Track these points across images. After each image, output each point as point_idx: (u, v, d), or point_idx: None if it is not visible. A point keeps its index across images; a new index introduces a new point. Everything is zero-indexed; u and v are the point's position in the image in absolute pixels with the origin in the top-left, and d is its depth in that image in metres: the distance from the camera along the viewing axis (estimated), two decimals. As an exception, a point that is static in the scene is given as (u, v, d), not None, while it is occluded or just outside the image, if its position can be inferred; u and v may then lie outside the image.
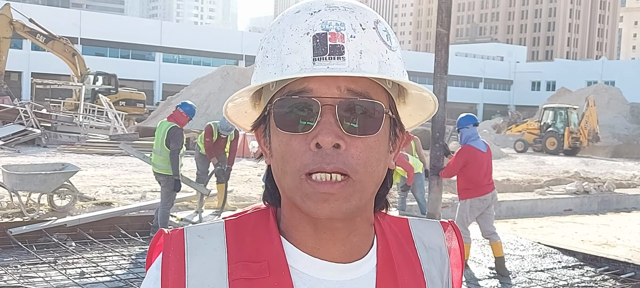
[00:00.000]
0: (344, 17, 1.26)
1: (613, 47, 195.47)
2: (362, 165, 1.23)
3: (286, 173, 1.25)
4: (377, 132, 1.25)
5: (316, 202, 1.23)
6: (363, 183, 1.24)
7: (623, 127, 53.63)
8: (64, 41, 41.68)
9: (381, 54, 1.26)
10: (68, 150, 29.20)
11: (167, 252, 1.32)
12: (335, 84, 1.23)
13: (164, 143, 11.62)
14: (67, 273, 9.72)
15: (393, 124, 1.33)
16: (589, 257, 11.82)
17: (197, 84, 46.86)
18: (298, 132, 1.24)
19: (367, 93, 1.25)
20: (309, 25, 1.25)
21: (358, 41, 1.24)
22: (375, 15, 1.31)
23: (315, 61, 1.23)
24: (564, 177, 25.18)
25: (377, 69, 1.25)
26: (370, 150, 1.25)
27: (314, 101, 1.22)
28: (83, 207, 14.36)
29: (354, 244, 1.33)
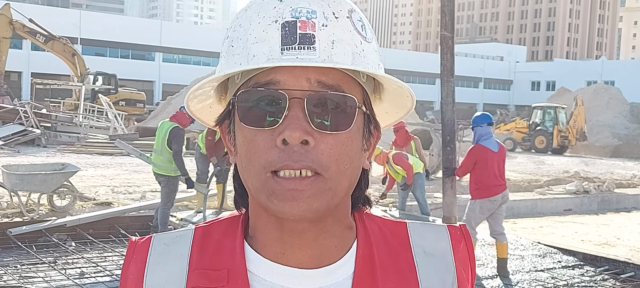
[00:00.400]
0: (316, 4, 1.17)
1: (613, 47, 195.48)
2: (333, 163, 1.14)
3: (251, 172, 1.17)
4: (349, 127, 1.16)
5: (283, 200, 1.14)
6: (334, 181, 1.15)
7: (623, 126, 53.60)
8: (63, 41, 41.67)
9: (355, 44, 1.18)
10: (68, 150, 29.21)
11: (128, 262, 1.29)
12: (305, 76, 1.15)
13: (165, 143, 11.62)
14: (67, 273, 9.72)
15: (367, 120, 1.24)
16: (588, 256, 11.82)
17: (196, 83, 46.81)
18: (264, 127, 1.15)
19: (339, 86, 1.16)
20: (278, 12, 1.16)
21: (330, 30, 1.16)
22: (349, 4, 1.22)
23: (283, 51, 1.14)
24: (564, 177, 25.19)
25: (351, 60, 1.16)
26: (342, 146, 1.16)
27: (281, 94, 1.14)
28: (83, 207, 14.36)
29: (325, 248, 1.23)
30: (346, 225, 1.26)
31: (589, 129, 52.85)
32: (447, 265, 1.29)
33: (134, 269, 1.27)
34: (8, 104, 35.52)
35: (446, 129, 10.08)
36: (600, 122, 53.82)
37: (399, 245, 1.29)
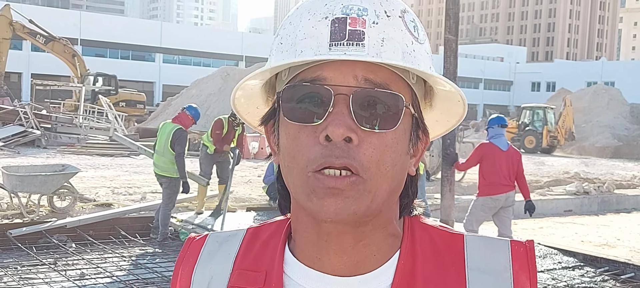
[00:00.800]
0: (368, 2, 1.15)
1: (613, 48, 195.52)
2: (374, 164, 1.11)
3: (293, 171, 1.15)
4: (395, 126, 1.13)
5: (322, 197, 1.11)
6: (374, 183, 1.12)
7: (623, 127, 53.56)
8: (63, 42, 41.68)
9: (406, 44, 1.15)
10: (68, 151, 29.19)
11: (182, 258, 1.33)
12: (352, 73, 1.12)
13: (168, 144, 11.63)
14: (67, 274, 9.72)
15: (415, 123, 1.20)
16: (589, 257, 11.81)
17: (197, 84, 46.86)
18: (307, 123, 1.13)
19: (387, 84, 1.13)
20: (329, 9, 1.15)
21: (381, 28, 1.13)
22: (402, 4, 1.20)
23: (331, 46, 1.12)
24: (564, 178, 25.18)
25: (401, 58, 1.13)
26: (385, 148, 1.12)
27: (327, 89, 1.12)
28: (83, 208, 14.35)
29: (363, 255, 1.19)
30: (390, 232, 1.22)
31: (589, 130, 52.88)
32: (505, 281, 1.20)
33: (186, 265, 1.30)
34: (8, 105, 35.53)
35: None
36: (600, 123, 53.79)
37: (451, 259, 1.21)
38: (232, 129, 14.16)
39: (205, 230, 12.39)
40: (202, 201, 14.11)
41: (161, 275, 9.95)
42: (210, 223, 12.90)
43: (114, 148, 30.08)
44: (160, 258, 11.04)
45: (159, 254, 11.31)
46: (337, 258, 1.19)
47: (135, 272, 10.14)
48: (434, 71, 1.19)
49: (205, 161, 14.40)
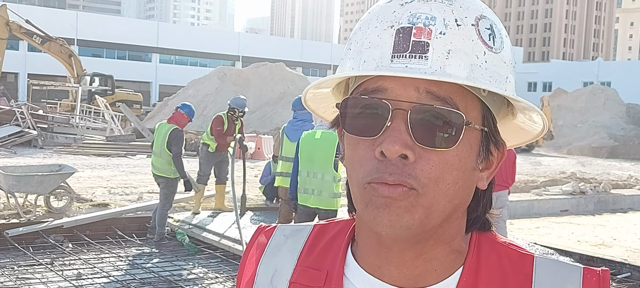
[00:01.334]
0: (438, 10, 1.10)
1: (609, 48, 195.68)
2: (433, 182, 1.08)
3: (352, 179, 1.14)
4: (453, 146, 1.09)
5: (376, 207, 1.08)
6: (430, 199, 1.08)
7: (619, 127, 53.59)
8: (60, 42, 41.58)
9: (476, 55, 1.10)
10: (65, 151, 29.16)
11: (250, 247, 1.35)
12: (414, 85, 1.08)
13: (165, 145, 11.64)
14: (64, 274, 9.73)
15: (485, 138, 1.15)
16: (585, 257, 11.84)
17: (194, 85, 46.84)
18: (365, 136, 1.10)
19: (451, 99, 1.09)
20: (396, 17, 1.11)
21: (448, 39, 1.08)
22: (480, 9, 1.14)
23: (394, 58, 1.09)
24: (560, 178, 25.19)
25: (466, 74, 1.08)
26: (446, 165, 1.09)
27: (385, 103, 1.08)
28: (80, 209, 14.35)
29: (423, 269, 1.16)
30: (454, 248, 1.18)
31: (585, 130, 52.91)
32: None
33: (254, 254, 1.32)
34: (4, 105, 35.49)
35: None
36: (596, 123, 53.82)
37: (517, 281, 1.17)
38: (232, 124, 14.13)
39: (203, 230, 12.40)
40: (199, 202, 14.11)
41: (158, 275, 9.96)
42: (208, 223, 12.90)
43: (110, 149, 30.08)
44: (157, 259, 11.05)
45: (156, 254, 11.32)
46: (397, 270, 1.17)
47: (132, 272, 10.15)
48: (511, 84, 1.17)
49: (206, 161, 14.32)
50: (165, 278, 9.79)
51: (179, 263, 10.77)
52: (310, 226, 1.33)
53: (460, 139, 1.09)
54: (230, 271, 10.36)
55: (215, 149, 14.07)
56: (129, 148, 30.55)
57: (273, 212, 13.87)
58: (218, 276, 10.09)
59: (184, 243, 11.75)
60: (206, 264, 10.82)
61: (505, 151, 1.21)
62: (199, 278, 9.97)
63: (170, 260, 10.95)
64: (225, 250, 11.37)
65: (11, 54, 51.06)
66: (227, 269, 10.50)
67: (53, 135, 32.42)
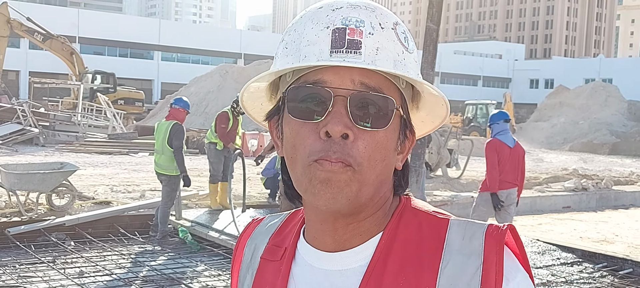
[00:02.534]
0: (365, 15, 1.29)
1: (610, 45, 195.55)
2: (366, 159, 1.25)
3: (296, 161, 1.29)
4: (386, 126, 1.27)
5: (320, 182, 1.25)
6: (364, 174, 1.25)
7: (621, 124, 53.59)
8: (61, 40, 41.66)
9: (397, 53, 1.29)
10: (66, 149, 29.18)
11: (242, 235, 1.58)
12: (350, 77, 1.26)
13: (166, 142, 11.63)
14: (66, 272, 9.73)
15: (403, 124, 1.35)
16: (587, 253, 11.83)
17: (195, 82, 46.87)
18: (309, 120, 1.27)
19: (380, 88, 1.27)
20: (330, 19, 1.29)
21: (376, 38, 1.27)
22: (395, 17, 1.34)
23: (332, 53, 1.26)
24: (563, 174, 25.19)
25: (393, 66, 1.27)
26: (376, 145, 1.26)
27: (327, 91, 1.25)
28: (82, 206, 14.35)
29: (350, 235, 1.34)
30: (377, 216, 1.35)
31: (587, 127, 52.91)
32: (473, 262, 1.27)
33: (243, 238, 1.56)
34: (6, 103, 35.51)
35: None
36: (598, 120, 53.81)
37: (431, 240, 1.31)
38: (235, 119, 14.08)
39: (205, 227, 12.40)
40: (214, 199, 14.12)
41: (160, 272, 9.96)
42: (210, 220, 12.90)
43: (112, 147, 30.08)
44: (160, 256, 11.05)
45: (158, 252, 11.32)
46: (329, 238, 1.35)
47: (135, 269, 10.15)
48: (420, 78, 1.33)
49: (216, 159, 14.20)
50: (167, 275, 9.79)
51: (182, 261, 10.77)
52: (287, 213, 1.54)
53: (391, 120, 1.28)
54: (232, 268, 10.35)
55: (223, 147, 14.01)
56: (131, 146, 30.56)
57: (274, 209, 13.88)
58: (220, 273, 10.09)
59: (187, 241, 11.75)
60: (208, 261, 10.82)
61: (415, 138, 1.39)
62: (201, 275, 9.97)
63: (172, 258, 10.95)
64: (227, 247, 11.36)
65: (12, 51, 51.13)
66: (229, 266, 10.49)
67: (55, 133, 32.44)
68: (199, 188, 16.99)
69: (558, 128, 54.56)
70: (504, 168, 10.34)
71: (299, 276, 1.39)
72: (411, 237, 1.32)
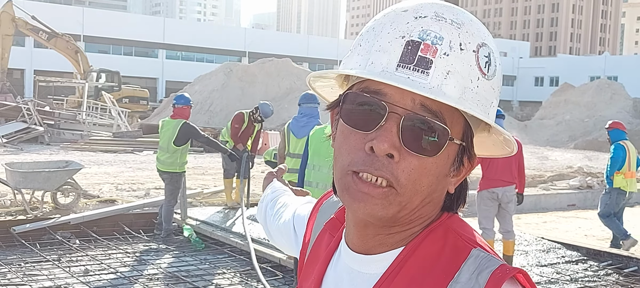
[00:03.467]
0: (447, 31, 1.21)
1: (616, 43, 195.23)
2: (411, 183, 1.21)
3: (337, 164, 1.28)
4: (435, 155, 1.21)
5: (354, 199, 1.23)
6: (407, 198, 1.23)
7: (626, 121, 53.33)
8: (66, 38, 41.72)
9: (471, 79, 1.22)
10: (71, 147, 29.22)
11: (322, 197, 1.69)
12: (411, 96, 1.20)
13: (172, 141, 11.61)
14: (71, 271, 9.74)
15: (461, 151, 1.28)
16: (592, 251, 11.83)
17: (200, 80, 46.86)
18: (360, 130, 1.23)
19: (441, 113, 1.21)
20: (408, 29, 1.22)
21: (450, 60, 1.20)
22: (483, 37, 1.26)
23: (399, 67, 1.20)
24: (567, 172, 25.14)
25: (458, 95, 1.20)
26: (424, 170, 1.22)
27: (383, 105, 1.20)
28: (87, 205, 14.38)
29: (376, 243, 1.32)
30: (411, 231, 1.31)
31: (592, 125, 52.81)
32: None
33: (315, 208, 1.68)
34: (11, 101, 35.56)
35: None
36: (603, 118, 53.59)
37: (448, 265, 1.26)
38: (251, 124, 14.09)
39: (209, 226, 12.41)
40: (229, 195, 14.14)
41: (165, 271, 9.97)
42: (214, 219, 12.91)
43: (117, 145, 30.11)
44: (164, 254, 11.06)
45: (163, 250, 11.33)
46: (357, 239, 1.34)
47: (139, 268, 10.16)
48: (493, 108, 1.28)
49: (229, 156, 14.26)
50: (172, 274, 9.81)
51: (186, 259, 10.78)
52: None
53: (442, 151, 1.22)
54: (237, 266, 10.37)
55: (233, 147, 14.02)
56: (136, 144, 30.59)
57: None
58: (225, 271, 10.10)
59: (191, 239, 11.76)
60: (213, 260, 10.82)
61: (475, 163, 1.33)
62: (206, 273, 9.98)
63: (177, 256, 10.97)
64: (232, 245, 11.37)
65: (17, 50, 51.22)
66: (234, 265, 10.50)
67: (59, 132, 32.47)
68: (203, 187, 17.01)
69: (563, 126, 54.46)
70: (498, 167, 10.29)
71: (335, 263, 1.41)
72: (430, 256, 1.27)
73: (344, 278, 1.36)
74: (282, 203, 1.98)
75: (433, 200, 1.29)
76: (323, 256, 1.45)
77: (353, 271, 1.34)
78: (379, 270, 1.30)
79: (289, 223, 1.83)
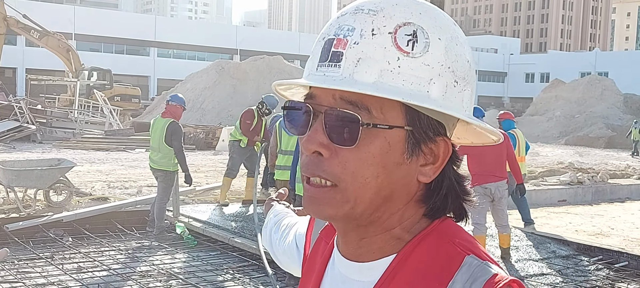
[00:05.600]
0: (360, 21, 1.20)
1: (606, 39, 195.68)
2: (350, 176, 1.20)
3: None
4: (354, 144, 1.19)
5: (306, 203, 1.26)
6: (351, 193, 1.21)
7: (616, 117, 53.58)
8: (58, 37, 41.56)
9: (387, 61, 1.18)
10: (63, 146, 29.20)
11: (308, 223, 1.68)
12: (331, 92, 1.20)
13: (163, 139, 11.60)
14: (64, 268, 9.77)
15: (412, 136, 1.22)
16: (583, 246, 11.88)
17: (192, 78, 46.82)
18: (299, 135, 1.26)
19: (362, 102, 1.18)
20: (329, 28, 1.24)
21: (360, 48, 1.18)
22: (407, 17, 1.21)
23: (318, 67, 1.23)
24: (558, 168, 25.22)
25: (374, 80, 1.17)
26: (359, 161, 1.20)
27: (307, 107, 1.23)
28: (79, 203, 14.39)
29: (364, 250, 1.29)
30: (394, 235, 1.28)
31: (583, 121, 52.92)
32: None
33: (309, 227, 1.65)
34: (3, 100, 35.49)
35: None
36: (594, 113, 53.83)
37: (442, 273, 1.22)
38: (260, 119, 14.13)
39: (202, 223, 12.43)
40: (224, 194, 14.15)
41: (158, 267, 10.00)
42: (207, 216, 12.93)
43: (109, 143, 30.09)
44: (157, 252, 11.09)
45: (156, 247, 11.36)
46: (345, 246, 1.33)
47: (132, 265, 10.19)
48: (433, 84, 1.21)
49: (238, 155, 14.15)
50: (165, 271, 9.84)
51: (179, 256, 10.81)
52: None
53: (359, 137, 1.19)
54: (229, 263, 10.41)
55: (247, 144, 14.04)
56: (128, 142, 30.58)
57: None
58: (217, 268, 10.14)
59: (184, 237, 11.78)
60: (205, 257, 10.85)
61: (449, 147, 1.27)
62: (198, 270, 10.01)
63: (169, 253, 11.00)
64: (224, 242, 11.40)
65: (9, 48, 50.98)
66: (226, 261, 10.54)
67: (52, 130, 32.47)
68: (196, 185, 17.03)
69: (554, 122, 54.57)
70: (486, 163, 10.30)
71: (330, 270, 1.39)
72: (423, 264, 1.24)
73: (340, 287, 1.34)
74: (285, 225, 1.96)
75: (397, 194, 1.25)
76: (319, 264, 1.43)
77: (347, 279, 1.32)
78: (372, 277, 1.27)
79: (292, 243, 1.82)
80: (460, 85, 1.25)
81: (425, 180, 1.26)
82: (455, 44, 1.24)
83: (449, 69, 1.22)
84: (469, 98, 1.28)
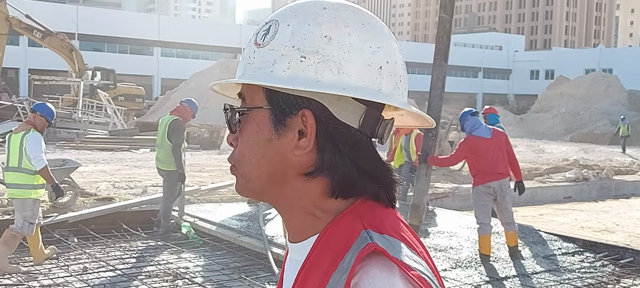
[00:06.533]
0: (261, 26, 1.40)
1: (610, 35, 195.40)
2: (240, 156, 1.39)
3: None
4: (236, 130, 1.40)
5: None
6: (243, 170, 1.39)
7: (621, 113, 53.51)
8: (61, 37, 41.57)
9: (248, 56, 1.38)
10: (67, 146, 29.23)
11: None
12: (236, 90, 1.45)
13: (166, 136, 11.63)
14: (70, 269, 9.77)
15: (273, 114, 1.32)
16: (588, 243, 11.87)
17: (195, 78, 46.86)
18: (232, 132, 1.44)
19: (243, 95, 1.40)
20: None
21: (244, 52, 1.40)
22: (277, 15, 1.38)
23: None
24: (563, 165, 25.21)
25: (240, 74, 1.39)
26: (243, 143, 1.38)
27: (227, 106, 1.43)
28: (84, 203, 14.39)
29: (295, 230, 1.39)
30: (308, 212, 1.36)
31: (587, 117, 52.91)
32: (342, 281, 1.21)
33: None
34: (6, 100, 35.53)
35: (432, 114, 10.01)
36: (598, 110, 53.81)
37: (341, 249, 1.26)
38: None
39: (208, 222, 12.43)
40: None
41: (164, 268, 10.00)
42: (213, 215, 12.94)
43: (113, 143, 30.11)
44: (163, 251, 11.09)
45: (161, 247, 11.35)
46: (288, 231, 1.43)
47: (138, 265, 10.19)
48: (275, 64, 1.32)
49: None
50: (171, 271, 9.83)
51: (185, 256, 10.80)
52: None
53: (237, 123, 1.39)
54: (235, 263, 10.40)
55: None
56: (132, 142, 30.60)
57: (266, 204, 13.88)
58: (224, 268, 10.13)
59: (190, 236, 11.78)
60: (211, 256, 10.85)
61: (306, 119, 1.30)
62: (204, 270, 10.01)
63: (175, 253, 10.99)
64: (230, 242, 11.40)
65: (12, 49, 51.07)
66: (232, 261, 10.54)
67: (56, 130, 32.45)
68: (201, 184, 17.03)
69: (559, 119, 54.57)
70: (487, 162, 10.28)
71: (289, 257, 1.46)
72: (334, 240, 1.29)
73: (288, 269, 1.43)
74: None
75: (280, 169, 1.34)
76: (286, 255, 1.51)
77: (292, 260, 1.41)
78: (302, 256, 1.35)
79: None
80: (311, 59, 1.29)
81: (301, 153, 1.32)
82: (307, 25, 1.31)
83: (294, 48, 1.30)
84: (327, 68, 1.29)
